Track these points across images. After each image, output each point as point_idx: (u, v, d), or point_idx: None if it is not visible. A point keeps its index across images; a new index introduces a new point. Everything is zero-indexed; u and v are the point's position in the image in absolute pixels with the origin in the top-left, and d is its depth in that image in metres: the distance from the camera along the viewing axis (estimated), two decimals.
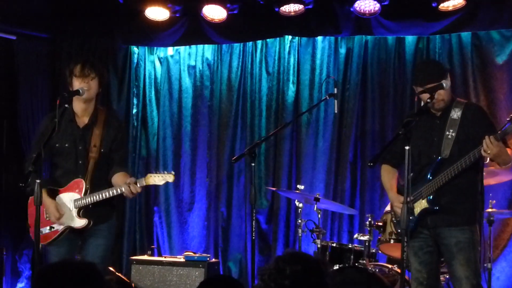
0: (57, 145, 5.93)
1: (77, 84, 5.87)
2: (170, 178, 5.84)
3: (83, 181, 5.86)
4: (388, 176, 5.99)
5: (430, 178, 5.58)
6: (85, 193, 5.84)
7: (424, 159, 5.68)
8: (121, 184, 5.80)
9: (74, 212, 5.85)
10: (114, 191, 5.80)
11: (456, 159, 5.47)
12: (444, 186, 5.53)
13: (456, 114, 5.63)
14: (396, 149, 5.69)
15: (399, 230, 5.94)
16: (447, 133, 5.59)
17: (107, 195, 5.81)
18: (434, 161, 5.60)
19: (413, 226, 5.58)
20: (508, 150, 5.44)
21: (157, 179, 5.81)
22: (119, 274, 7.93)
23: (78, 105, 5.98)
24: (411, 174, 5.34)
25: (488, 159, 5.48)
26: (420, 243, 5.65)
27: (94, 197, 5.82)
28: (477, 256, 5.57)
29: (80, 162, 5.92)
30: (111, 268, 7.81)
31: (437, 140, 5.64)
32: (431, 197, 5.58)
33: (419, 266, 5.65)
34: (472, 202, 5.62)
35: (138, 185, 5.74)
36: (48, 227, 5.90)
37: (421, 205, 5.63)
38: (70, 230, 5.89)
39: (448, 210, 5.54)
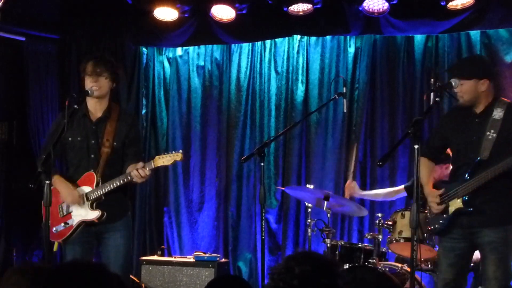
0: (70, 139, 5.90)
1: (88, 82, 5.86)
2: (178, 157, 5.69)
3: (94, 174, 5.82)
4: (425, 170, 5.78)
5: (468, 178, 5.47)
6: (97, 185, 5.80)
7: (462, 158, 5.59)
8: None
9: (87, 205, 5.81)
10: (124, 178, 5.74)
11: (495, 161, 5.37)
12: (480, 187, 5.43)
13: (498, 114, 5.48)
14: (434, 144, 5.64)
15: (431, 227, 5.85)
16: (488, 133, 5.45)
17: (118, 183, 5.75)
18: (473, 162, 5.48)
19: (445, 224, 5.54)
20: None
21: (165, 159, 5.69)
22: (134, 277, 7.95)
23: (91, 102, 5.97)
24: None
25: None
26: (452, 245, 5.59)
27: (106, 187, 5.77)
28: (509, 256, 5.49)
29: (92, 156, 5.88)
30: (133, 277, 7.83)
31: (476, 139, 5.51)
32: (466, 198, 5.48)
33: (448, 268, 5.59)
34: (507, 202, 5.52)
35: (147, 168, 5.68)
36: (62, 224, 5.87)
37: (455, 204, 5.54)
38: (85, 227, 5.86)
39: (483, 211, 5.44)
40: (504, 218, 5.50)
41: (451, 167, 5.96)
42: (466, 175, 5.50)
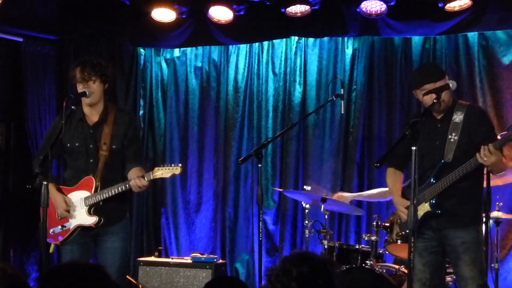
0: (68, 145, 5.89)
1: (80, 88, 5.85)
2: (177, 170, 5.77)
3: (93, 179, 5.81)
4: (393, 179, 5.93)
5: (433, 181, 5.54)
6: (95, 191, 5.79)
7: (427, 162, 5.61)
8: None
9: (85, 210, 5.81)
10: (123, 186, 5.76)
11: (459, 163, 5.42)
12: (448, 189, 5.49)
13: (458, 117, 5.56)
14: (400, 152, 5.66)
15: (403, 232, 5.95)
16: (450, 136, 5.53)
17: (116, 191, 5.76)
18: (437, 165, 5.55)
19: (416, 227, 5.56)
20: (503, 159, 5.41)
21: (164, 172, 5.76)
22: (131, 278, 7.95)
23: (86, 107, 5.96)
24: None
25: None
26: (425, 244, 5.61)
27: (104, 194, 5.77)
28: (482, 256, 5.55)
29: (91, 160, 5.87)
30: (130, 278, 7.84)
31: (439, 143, 5.58)
32: (433, 201, 5.54)
33: (423, 267, 5.62)
34: (476, 203, 5.60)
35: (146, 179, 5.72)
36: (59, 226, 5.88)
37: (424, 208, 5.58)
38: (82, 230, 5.86)
39: (453, 213, 5.50)
40: (475, 218, 5.58)
41: None
42: (432, 179, 5.56)
